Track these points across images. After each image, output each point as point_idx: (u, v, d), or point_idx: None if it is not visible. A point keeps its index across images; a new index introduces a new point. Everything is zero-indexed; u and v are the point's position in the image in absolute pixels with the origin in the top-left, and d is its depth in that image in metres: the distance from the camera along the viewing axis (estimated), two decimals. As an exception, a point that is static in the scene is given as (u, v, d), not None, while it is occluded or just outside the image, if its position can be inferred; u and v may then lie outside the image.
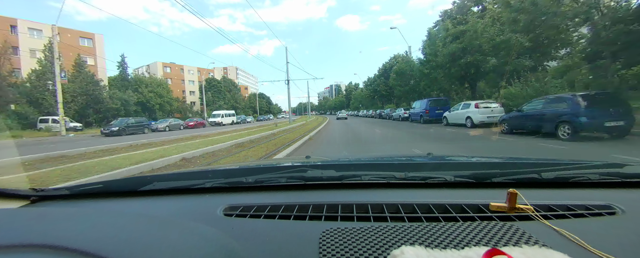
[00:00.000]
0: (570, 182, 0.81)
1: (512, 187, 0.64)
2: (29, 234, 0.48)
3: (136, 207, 0.82)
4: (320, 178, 0.89)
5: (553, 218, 0.61)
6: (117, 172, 4.93)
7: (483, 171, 0.98)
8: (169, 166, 6.00)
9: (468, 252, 0.42)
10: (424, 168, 1.10)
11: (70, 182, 3.97)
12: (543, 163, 1.06)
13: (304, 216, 0.67)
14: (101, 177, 4.40)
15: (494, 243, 0.51)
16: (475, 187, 0.83)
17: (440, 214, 0.65)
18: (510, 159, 1.32)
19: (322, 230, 0.58)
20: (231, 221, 0.66)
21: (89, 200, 0.88)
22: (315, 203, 0.72)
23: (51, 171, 5.24)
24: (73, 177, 4.61)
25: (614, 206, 0.65)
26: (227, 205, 0.74)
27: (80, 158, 7.52)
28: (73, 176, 4.73)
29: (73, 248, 0.42)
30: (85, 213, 0.68)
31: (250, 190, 0.88)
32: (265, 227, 0.62)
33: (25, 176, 4.94)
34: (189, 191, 0.89)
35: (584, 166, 0.96)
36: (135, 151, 8.46)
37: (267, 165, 1.34)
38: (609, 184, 0.80)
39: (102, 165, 5.83)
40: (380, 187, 0.84)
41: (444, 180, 0.84)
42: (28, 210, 0.78)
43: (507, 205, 0.63)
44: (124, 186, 0.99)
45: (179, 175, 1.27)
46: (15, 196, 0.83)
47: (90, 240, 0.46)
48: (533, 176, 0.84)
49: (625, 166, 0.89)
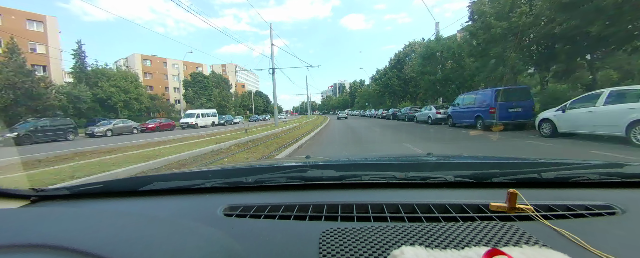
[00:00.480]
0: (570, 182, 0.81)
1: (512, 187, 0.64)
2: (29, 234, 0.48)
3: (136, 207, 0.82)
4: (320, 178, 0.89)
5: (553, 218, 0.61)
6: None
7: (483, 171, 0.97)
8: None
9: (468, 252, 0.42)
10: (423, 168, 1.09)
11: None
12: (543, 163, 1.06)
13: (304, 217, 0.67)
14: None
15: (494, 243, 0.51)
16: (475, 187, 0.83)
17: (440, 214, 0.65)
18: (510, 159, 1.29)
19: (322, 230, 0.58)
20: (231, 222, 0.66)
21: (89, 200, 0.89)
22: (315, 203, 0.72)
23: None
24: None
25: (614, 206, 0.65)
26: (227, 205, 0.74)
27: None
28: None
29: (73, 248, 0.42)
30: (85, 213, 0.68)
31: (250, 190, 0.88)
32: (265, 227, 0.63)
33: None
34: (189, 191, 0.89)
35: (584, 166, 0.96)
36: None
37: (267, 165, 1.32)
38: (609, 184, 0.80)
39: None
40: (380, 187, 0.85)
41: (444, 180, 0.84)
42: (28, 210, 0.78)
43: (507, 205, 0.63)
44: (124, 186, 0.99)
45: (179, 175, 1.27)
46: (15, 196, 0.84)
47: (90, 240, 0.47)
48: (533, 176, 0.84)
49: (625, 166, 0.89)
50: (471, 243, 0.51)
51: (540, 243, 0.50)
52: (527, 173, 0.88)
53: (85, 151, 9.45)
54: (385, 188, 0.84)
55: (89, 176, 4.65)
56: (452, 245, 0.51)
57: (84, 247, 0.42)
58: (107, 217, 0.64)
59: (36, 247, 0.43)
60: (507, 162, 1.16)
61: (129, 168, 5.27)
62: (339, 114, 40.43)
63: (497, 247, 0.47)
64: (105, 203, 0.85)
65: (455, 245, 0.50)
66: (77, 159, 7.58)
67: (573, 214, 0.63)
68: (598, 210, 0.64)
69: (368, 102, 50.74)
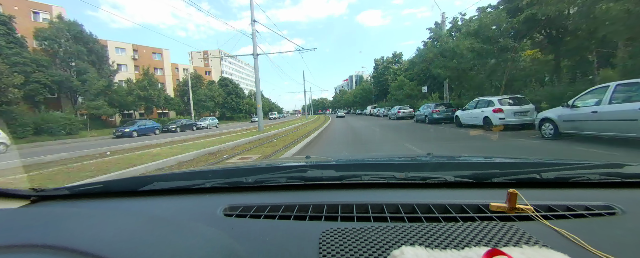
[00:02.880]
0: (570, 182, 0.81)
1: (512, 187, 0.64)
2: (29, 234, 0.48)
3: (136, 207, 0.82)
4: (320, 178, 0.89)
5: (553, 218, 0.61)
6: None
7: (483, 171, 0.96)
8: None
9: (468, 252, 0.42)
10: (423, 168, 1.09)
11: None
12: (543, 163, 1.05)
13: (304, 217, 0.67)
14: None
15: (494, 244, 0.51)
16: (475, 187, 0.83)
17: (440, 214, 0.65)
18: (510, 159, 1.28)
19: (322, 230, 0.58)
20: (231, 222, 0.66)
21: (89, 200, 0.88)
22: (315, 203, 0.72)
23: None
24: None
25: (614, 206, 0.65)
26: (227, 205, 0.74)
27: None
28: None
29: (73, 248, 0.42)
30: (85, 213, 0.68)
31: (250, 190, 0.88)
32: (266, 227, 0.62)
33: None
34: (189, 191, 0.89)
35: (584, 166, 0.95)
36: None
37: (267, 165, 1.31)
38: (609, 184, 0.80)
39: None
40: (380, 187, 0.84)
41: (444, 180, 0.84)
42: (28, 210, 0.78)
43: (507, 205, 0.63)
44: (124, 186, 0.99)
45: (179, 175, 1.28)
46: (15, 196, 0.84)
47: (90, 240, 0.47)
48: (533, 176, 0.84)
49: (625, 166, 0.89)
50: (471, 244, 0.51)
51: (540, 244, 0.50)
52: (527, 173, 0.88)
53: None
54: (385, 188, 0.84)
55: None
56: (452, 245, 0.51)
57: (84, 247, 0.43)
58: (107, 217, 0.64)
59: (36, 247, 0.43)
60: (507, 162, 1.15)
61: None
62: (337, 113, 38.50)
63: (497, 247, 0.47)
64: (105, 203, 0.85)
65: (455, 245, 0.50)
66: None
67: (573, 214, 0.63)
68: (598, 210, 0.64)
69: (408, 92, 29.61)
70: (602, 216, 0.62)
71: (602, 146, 5.50)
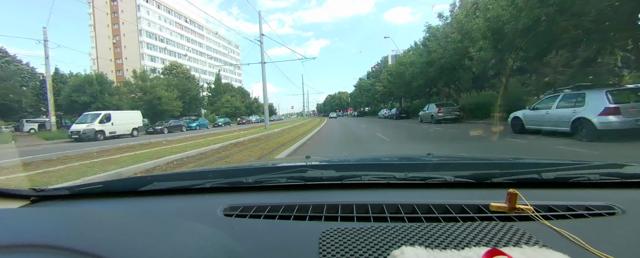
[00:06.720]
0: (571, 182, 0.81)
1: (512, 187, 0.64)
2: (29, 234, 0.48)
3: (136, 207, 0.82)
4: (320, 178, 0.89)
5: (553, 219, 0.61)
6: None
7: (483, 171, 0.97)
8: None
9: (468, 252, 0.42)
10: (423, 168, 1.09)
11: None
12: (543, 163, 1.06)
13: (304, 217, 0.67)
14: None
15: (494, 244, 0.51)
16: (475, 187, 0.83)
17: (440, 214, 0.65)
18: (510, 159, 1.30)
19: (322, 230, 0.58)
20: (231, 222, 0.66)
21: (89, 200, 0.88)
22: (315, 204, 0.72)
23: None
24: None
25: (614, 207, 0.65)
26: (227, 205, 0.74)
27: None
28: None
29: (73, 248, 0.42)
30: (85, 213, 0.68)
31: (250, 190, 0.88)
32: (265, 227, 0.62)
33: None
34: (189, 191, 0.89)
35: (584, 166, 0.96)
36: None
37: (267, 165, 1.32)
38: (609, 184, 0.80)
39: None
40: (380, 187, 0.84)
41: (444, 180, 0.84)
42: (28, 210, 0.78)
43: (507, 205, 0.63)
44: (124, 186, 0.99)
45: (179, 175, 1.28)
46: (15, 196, 0.84)
47: (90, 240, 0.46)
48: (533, 176, 0.84)
49: (625, 166, 0.89)
50: (471, 244, 0.51)
51: (541, 244, 0.50)
52: (527, 173, 0.88)
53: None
54: (385, 188, 0.84)
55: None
56: (452, 245, 0.51)
57: (84, 247, 0.42)
58: (107, 217, 0.63)
59: (36, 246, 0.43)
60: (507, 162, 1.15)
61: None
62: (330, 115, 37.36)
63: (497, 247, 0.47)
64: (105, 203, 0.85)
65: (455, 245, 0.50)
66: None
67: (573, 214, 0.63)
68: (598, 210, 0.64)
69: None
70: (602, 217, 0.62)
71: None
